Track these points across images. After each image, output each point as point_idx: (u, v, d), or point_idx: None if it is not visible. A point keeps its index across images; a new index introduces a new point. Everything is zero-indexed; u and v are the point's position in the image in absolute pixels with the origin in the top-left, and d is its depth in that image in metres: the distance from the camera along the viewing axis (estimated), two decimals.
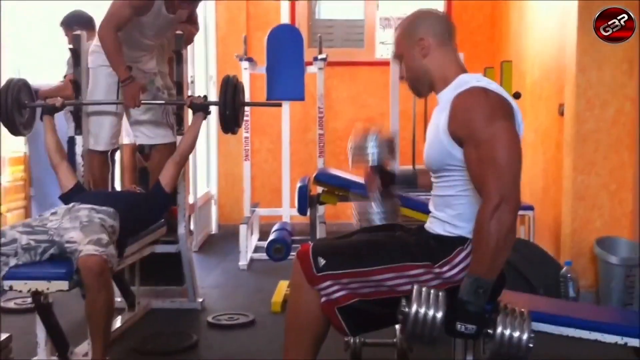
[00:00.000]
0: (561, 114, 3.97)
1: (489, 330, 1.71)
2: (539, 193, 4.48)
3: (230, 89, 3.32)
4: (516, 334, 1.67)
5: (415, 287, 1.73)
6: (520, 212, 4.14)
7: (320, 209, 4.88)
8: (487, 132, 1.74)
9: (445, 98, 1.88)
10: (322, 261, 1.88)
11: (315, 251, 1.92)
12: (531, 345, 1.67)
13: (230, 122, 3.37)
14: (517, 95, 4.24)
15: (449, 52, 1.95)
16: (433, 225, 1.97)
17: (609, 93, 3.71)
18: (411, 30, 1.94)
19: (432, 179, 1.99)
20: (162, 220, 3.50)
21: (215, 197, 5.90)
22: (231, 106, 3.31)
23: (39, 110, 3.26)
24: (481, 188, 1.75)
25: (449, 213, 1.91)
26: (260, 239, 5.16)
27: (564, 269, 3.52)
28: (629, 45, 3.67)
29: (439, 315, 1.69)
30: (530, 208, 4.17)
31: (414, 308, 1.70)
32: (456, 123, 1.81)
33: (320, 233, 4.73)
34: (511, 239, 1.74)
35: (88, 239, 2.50)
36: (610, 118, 3.72)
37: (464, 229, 1.87)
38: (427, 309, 1.69)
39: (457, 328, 1.71)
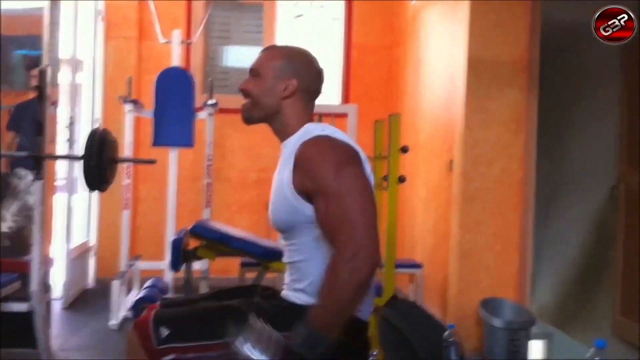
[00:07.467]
0: (450, 170, 3.90)
1: None
2: (429, 251, 4.38)
3: (96, 144, 3.03)
4: None
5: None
6: (409, 271, 4.09)
7: (204, 264, 4.59)
8: (336, 182, 1.57)
9: (289, 150, 1.73)
10: (165, 332, 1.65)
11: (158, 320, 1.68)
12: None
13: (94, 181, 3.06)
14: (404, 150, 4.16)
15: (307, 107, 1.82)
16: (287, 293, 1.79)
17: (494, 152, 3.69)
18: (288, 63, 1.78)
19: (283, 242, 1.80)
20: (16, 275, 3.15)
21: (94, 249, 5.49)
22: (96, 164, 3.02)
23: None
24: (333, 241, 1.54)
25: (301, 279, 1.73)
26: None
27: (447, 332, 3.38)
28: (516, 104, 3.69)
29: None
30: (418, 266, 4.05)
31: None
32: (301, 175, 1.63)
33: (202, 290, 4.44)
34: (361, 297, 1.54)
35: None
36: (496, 177, 3.68)
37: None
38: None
39: None
